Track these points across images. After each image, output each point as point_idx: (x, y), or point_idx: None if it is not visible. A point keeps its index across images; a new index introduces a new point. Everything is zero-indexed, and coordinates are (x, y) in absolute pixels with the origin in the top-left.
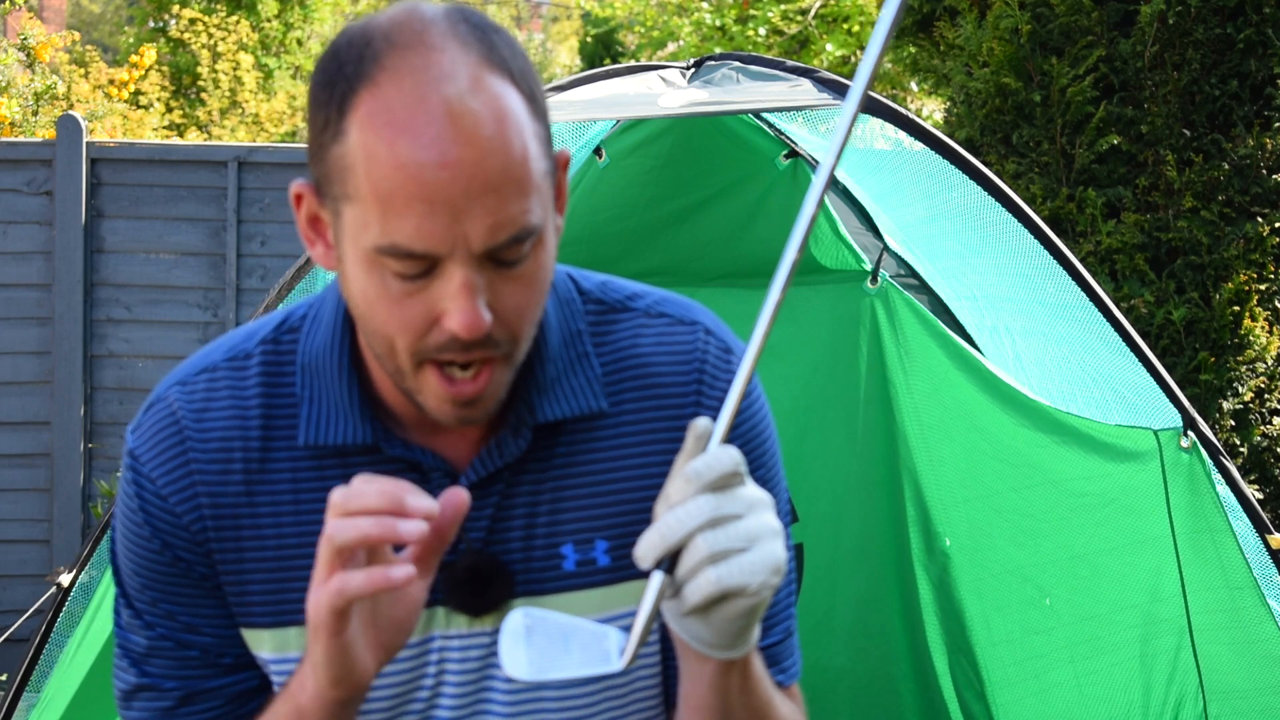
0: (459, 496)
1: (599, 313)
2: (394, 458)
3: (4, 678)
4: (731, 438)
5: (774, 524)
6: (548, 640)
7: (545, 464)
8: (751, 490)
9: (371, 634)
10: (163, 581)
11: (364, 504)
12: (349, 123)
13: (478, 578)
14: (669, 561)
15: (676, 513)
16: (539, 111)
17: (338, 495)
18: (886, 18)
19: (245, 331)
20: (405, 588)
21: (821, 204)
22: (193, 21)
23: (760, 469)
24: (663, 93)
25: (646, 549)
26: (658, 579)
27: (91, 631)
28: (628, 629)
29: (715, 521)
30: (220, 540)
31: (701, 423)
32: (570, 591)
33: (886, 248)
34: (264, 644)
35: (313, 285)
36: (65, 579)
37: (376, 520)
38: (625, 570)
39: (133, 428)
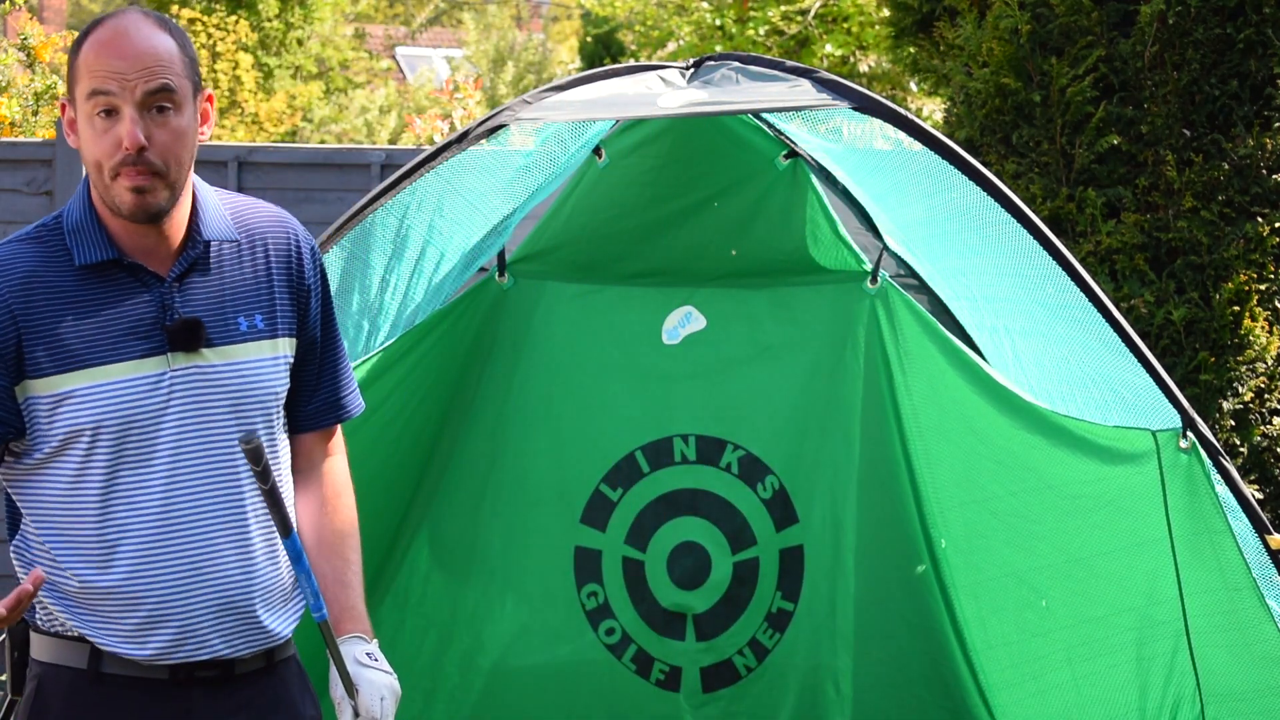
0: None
1: (229, 200)
2: (126, 265)
3: (4, 677)
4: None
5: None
6: None
7: (211, 270)
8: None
9: None
10: None
11: None
12: (82, 47)
13: (189, 327)
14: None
15: None
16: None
17: None
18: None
19: (7, 237)
20: None
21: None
22: (192, 21)
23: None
24: (662, 93)
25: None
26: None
27: None
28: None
29: None
30: (36, 323)
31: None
32: (246, 343)
33: (886, 248)
34: (51, 386)
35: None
36: None
37: None
38: (271, 331)
39: None
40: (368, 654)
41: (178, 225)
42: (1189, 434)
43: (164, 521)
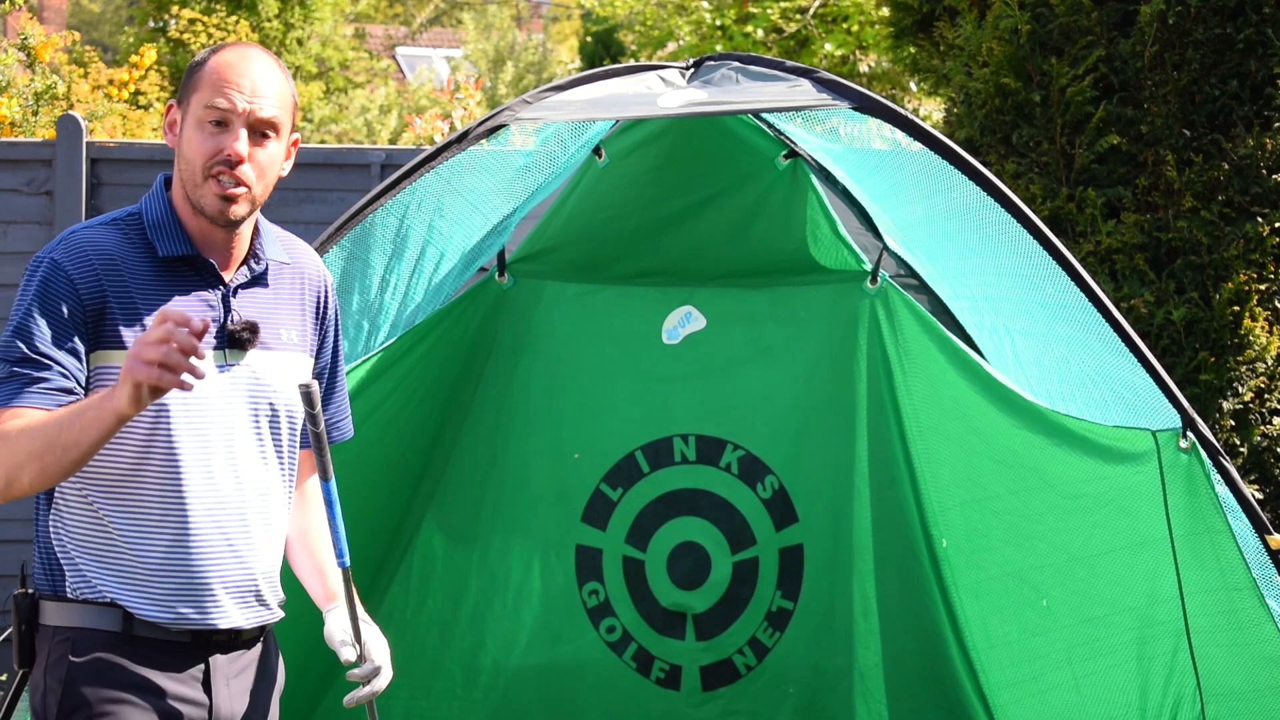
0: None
1: (273, 228)
2: (200, 263)
3: (4, 678)
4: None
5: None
6: None
7: (266, 286)
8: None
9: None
10: (59, 324)
11: (179, 320)
12: (207, 62)
13: (250, 328)
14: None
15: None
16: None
17: (167, 322)
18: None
19: (87, 222)
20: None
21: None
22: (192, 22)
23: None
24: (662, 93)
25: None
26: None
27: None
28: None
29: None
30: (118, 298)
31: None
32: (285, 352)
33: (886, 248)
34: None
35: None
36: None
37: (184, 345)
38: (303, 347)
39: (50, 253)
40: (363, 618)
41: (243, 239)
42: (1189, 434)
43: (210, 500)
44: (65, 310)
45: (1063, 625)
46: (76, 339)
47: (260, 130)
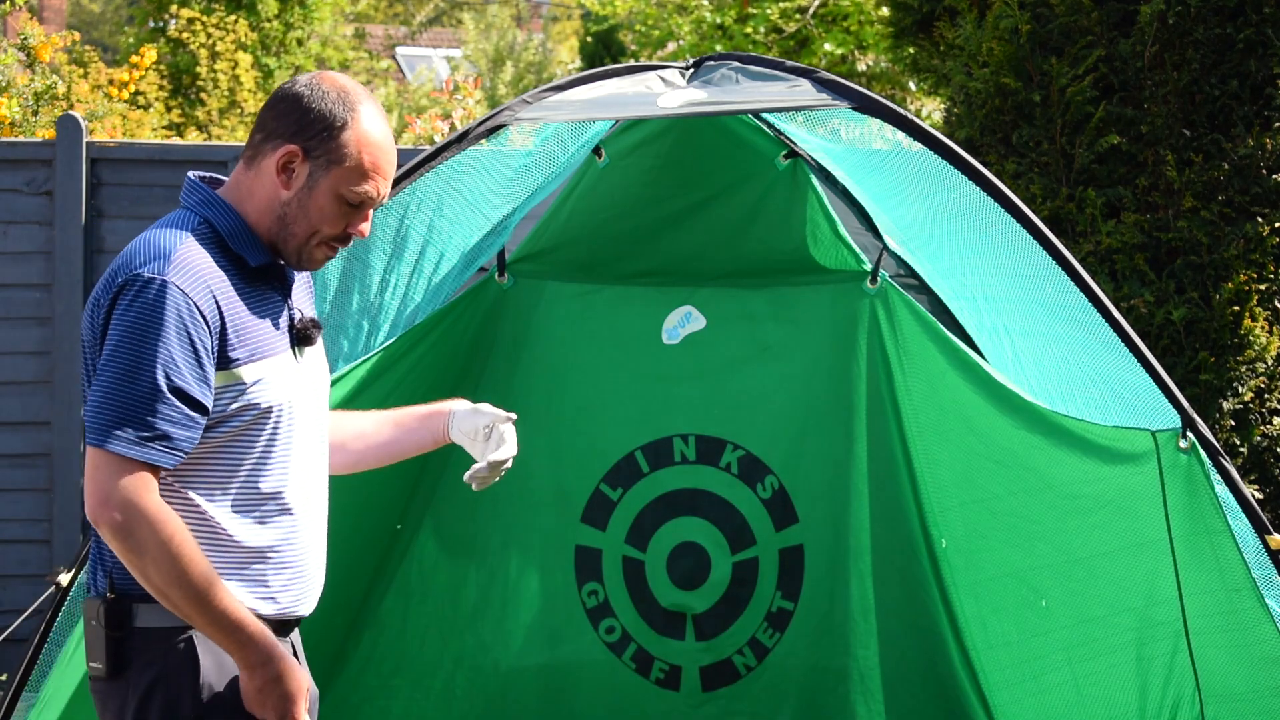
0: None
1: None
2: (274, 269)
3: (4, 678)
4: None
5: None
6: None
7: (298, 285)
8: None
9: None
10: (194, 354)
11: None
12: (350, 127)
13: (315, 324)
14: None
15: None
16: None
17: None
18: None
19: (170, 234)
20: None
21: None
22: (191, 21)
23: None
24: (662, 93)
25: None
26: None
27: None
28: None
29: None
30: (230, 315)
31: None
32: (319, 346)
33: (886, 248)
34: (245, 375)
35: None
36: (65, 578)
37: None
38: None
39: (161, 274)
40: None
41: None
42: (1189, 434)
43: (305, 492)
44: (196, 339)
45: (1062, 625)
46: (209, 370)
47: None
